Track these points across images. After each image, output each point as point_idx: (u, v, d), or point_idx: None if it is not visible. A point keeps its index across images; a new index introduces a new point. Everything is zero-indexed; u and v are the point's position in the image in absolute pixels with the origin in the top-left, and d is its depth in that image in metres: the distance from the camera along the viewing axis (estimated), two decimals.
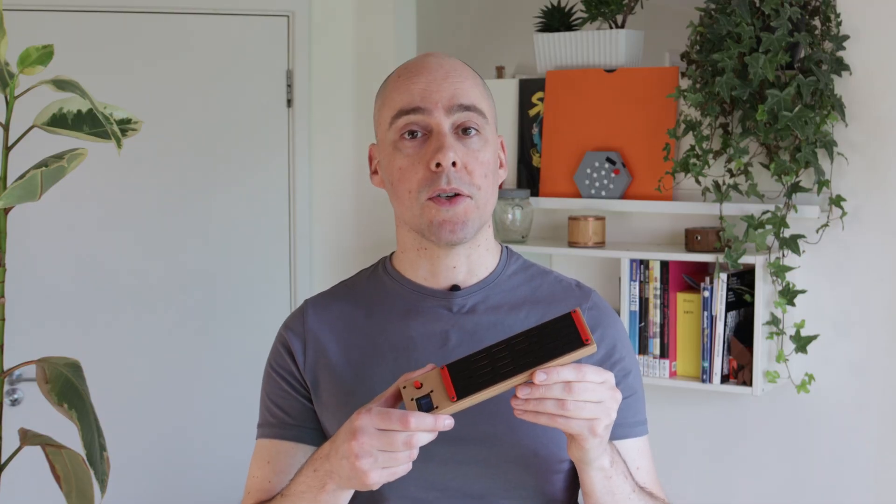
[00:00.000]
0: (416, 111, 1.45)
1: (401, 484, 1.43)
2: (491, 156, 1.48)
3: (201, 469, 3.33)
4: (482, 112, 1.47)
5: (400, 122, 1.46)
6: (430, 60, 1.50)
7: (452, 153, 1.42)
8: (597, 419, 1.25)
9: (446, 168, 1.42)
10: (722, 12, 2.65)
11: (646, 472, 1.52)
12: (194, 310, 3.32)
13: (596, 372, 1.23)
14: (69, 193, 2.70)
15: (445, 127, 1.44)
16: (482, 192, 1.46)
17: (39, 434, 1.56)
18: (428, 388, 1.24)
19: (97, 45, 3.21)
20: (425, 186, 1.44)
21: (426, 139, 1.45)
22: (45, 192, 1.44)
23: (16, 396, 3.14)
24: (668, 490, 1.59)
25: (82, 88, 1.41)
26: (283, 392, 1.54)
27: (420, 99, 1.45)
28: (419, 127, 1.45)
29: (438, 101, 1.44)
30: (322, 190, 3.41)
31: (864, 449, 2.73)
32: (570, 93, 3.04)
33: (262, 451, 1.54)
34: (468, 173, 1.44)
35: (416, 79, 1.47)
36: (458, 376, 1.24)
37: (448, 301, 1.52)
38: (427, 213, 1.44)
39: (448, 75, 1.47)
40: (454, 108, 1.45)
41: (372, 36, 3.39)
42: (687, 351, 2.80)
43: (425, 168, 1.44)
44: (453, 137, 1.44)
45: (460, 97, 1.45)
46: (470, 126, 1.45)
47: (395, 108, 1.46)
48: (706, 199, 2.80)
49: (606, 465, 1.34)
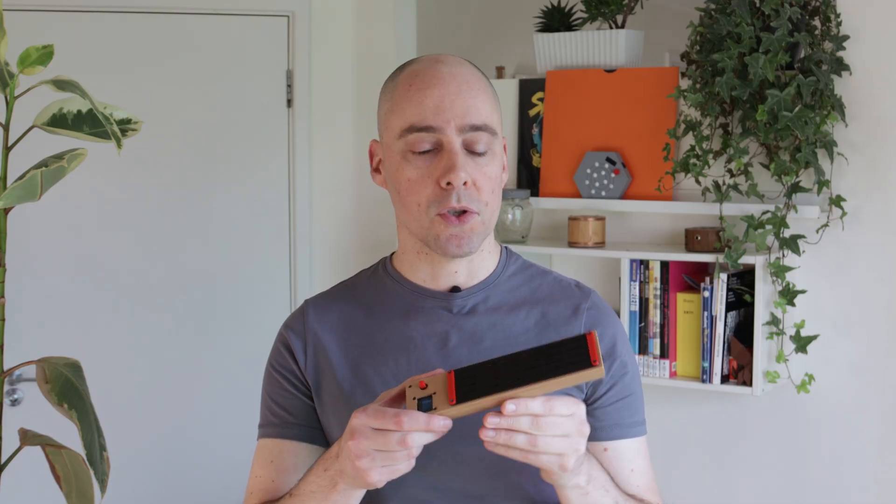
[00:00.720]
0: (427, 129, 1.43)
1: (402, 484, 1.43)
2: (497, 168, 1.48)
3: (201, 469, 3.33)
4: (492, 129, 1.46)
5: (411, 138, 1.44)
6: (443, 71, 1.47)
7: (464, 173, 1.42)
8: (566, 455, 1.24)
9: (457, 187, 1.42)
10: (722, 12, 2.65)
11: (641, 474, 1.52)
12: (194, 310, 3.32)
13: (565, 404, 1.22)
14: (69, 193, 2.69)
15: (457, 145, 1.43)
16: (489, 208, 1.46)
17: (39, 434, 1.56)
18: (432, 390, 1.25)
19: (97, 45, 3.21)
20: (434, 202, 1.43)
21: (437, 153, 1.44)
22: (45, 192, 1.44)
23: (16, 396, 3.14)
24: (667, 490, 1.59)
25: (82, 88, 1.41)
26: (285, 391, 1.54)
27: (432, 116, 1.43)
28: (430, 144, 1.44)
29: (451, 118, 1.43)
30: (322, 190, 3.41)
31: (864, 449, 2.73)
32: (570, 93, 3.04)
33: (265, 451, 1.54)
34: (477, 190, 1.44)
35: (429, 92, 1.44)
36: (463, 382, 1.24)
37: (448, 302, 1.52)
38: (435, 227, 1.44)
39: (461, 90, 1.45)
40: (465, 127, 1.43)
41: (372, 36, 3.39)
42: (687, 351, 2.80)
43: (435, 184, 1.43)
44: (464, 154, 1.44)
45: (472, 117, 1.44)
46: (481, 146, 1.45)
47: (407, 122, 1.45)
48: (706, 200, 2.80)
49: (582, 483, 1.34)
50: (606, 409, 1.51)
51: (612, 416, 1.51)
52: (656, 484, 1.55)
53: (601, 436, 1.50)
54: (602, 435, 1.50)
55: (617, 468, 1.50)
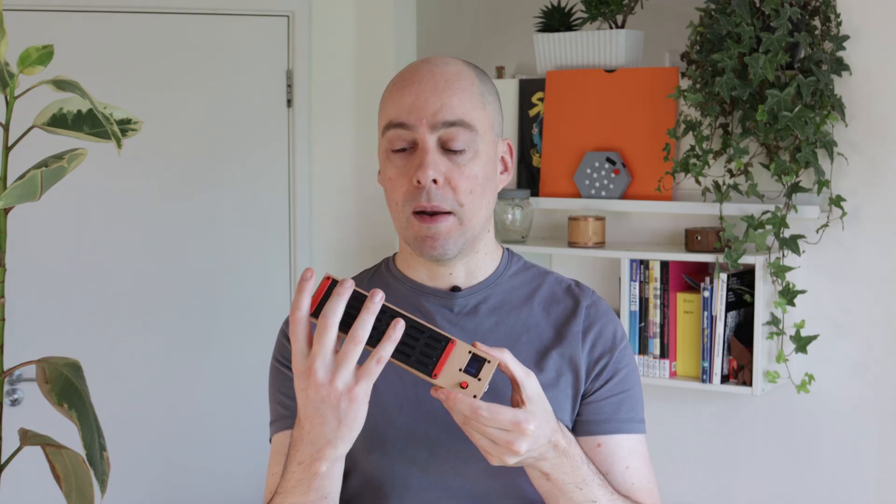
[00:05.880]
0: (402, 126, 1.44)
1: (403, 484, 1.43)
2: (481, 168, 1.46)
3: (201, 469, 3.33)
4: (470, 126, 1.44)
5: (389, 135, 1.46)
6: (423, 70, 1.47)
7: (432, 171, 1.42)
8: (490, 454, 1.28)
9: (426, 185, 1.42)
10: (722, 12, 2.65)
11: (636, 472, 1.51)
12: (194, 309, 3.32)
13: (500, 418, 1.25)
14: (69, 193, 2.69)
15: (430, 143, 1.43)
16: (466, 209, 1.44)
17: (39, 434, 1.56)
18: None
19: (97, 45, 3.21)
20: (408, 200, 1.44)
21: (413, 152, 1.45)
22: (45, 192, 1.44)
23: (16, 396, 3.15)
24: (667, 490, 1.58)
25: (82, 88, 1.41)
26: (292, 383, 1.54)
27: (406, 113, 1.44)
28: (405, 141, 1.45)
29: (423, 116, 1.43)
30: (322, 190, 3.41)
31: (864, 449, 2.73)
32: (570, 93, 3.04)
33: (279, 447, 1.53)
34: (452, 189, 1.43)
35: (407, 90, 1.45)
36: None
37: (450, 301, 1.52)
38: (411, 227, 1.45)
39: (437, 88, 1.44)
40: (438, 125, 1.43)
41: (372, 36, 3.39)
42: (687, 351, 2.80)
43: (409, 182, 1.44)
44: (438, 153, 1.43)
45: (445, 113, 1.43)
46: (455, 144, 1.44)
47: (386, 119, 1.47)
48: (706, 199, 2.80)
49: (546, 470, 1.36)
50: (600, 403, 1.51)
51: (606, 411, 1.51)
52: (655, 486, 1.54)
53: (594, 430, 1.50)
54: (595, 429, 1.50)
55: (610, 465, 1.49)
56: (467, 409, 1.24)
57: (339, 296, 1.25)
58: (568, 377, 1.50)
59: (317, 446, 1.28)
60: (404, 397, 1.47)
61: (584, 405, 1.51)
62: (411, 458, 1.46)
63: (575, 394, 1.51)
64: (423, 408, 1.46)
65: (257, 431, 2.24)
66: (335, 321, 1.24)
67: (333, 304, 1.24)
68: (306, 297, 1.26)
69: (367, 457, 1.47)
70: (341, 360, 1.24)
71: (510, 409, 1.26)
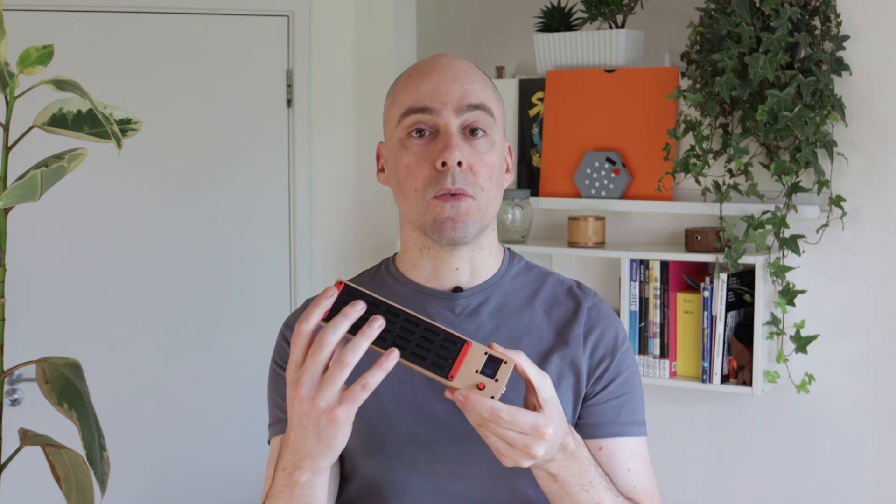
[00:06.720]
0: (425, 111, 1.45)
1: (404, 488, 1.43)
2: (497, 158, 1.48)
3: (201, 469, 3.33)
4: (491, 112, 1.47)
5: (408, 121, 1.46)
6: (441, 61, 1.50)
7: (459, 153, 1.43)
8: (504, 456, 1.27)
9: (452, 167, 1.43)
10: (722, 12, 2.65)
11: (637, 475, 1.51)
12: (194, 309, 3.32)
13: (519, 420, 1.24)
14: (69, 193, 2.69)
15: (453, 127, 1.45)
16: (485, 194, 1.46)
17: (39, 434, 1.56)
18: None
19: (97, 45, 3.21)
20: (431, 185, 1.44)
21: (433, 138, 1.46)
22: (45, 192, 1.44)
23: (16, 396, 3.14)
24: (668, 490, 1.58)
25: (82, 88, 1.41)
26: None
27: (429, 98, 1.45)
28: (427, 126, 1.46)
29: (448, 101, 1.45)
30: (322, 190, 3.41)
31: (864, 449, 2.73)
32: (570, 93, 3.04)
33: (276, 450, 1.53)
34: (473, 174, 1.44)
35: (427, 78, 1.47)
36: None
37: (451, 302, 1.52)
38: (431, 210, 1.45)
39: (458, 76, 1.47)
40: (463, 108, 1.45)
41: (372, 36, 3.39)
42: (687, 351, 2.80)
43: (431, 167, 1.44)
44: (460, 138, 1.45)
45: (470, 97, 1.46)
46: (478, 127, 1.46)
47: (405, 107, 1.47)
48: (706, 199, 2.80)
49: (554, 471, 1.35)
50: (602, 406, 1.51)
51: (608, 414, 1.51)
52: (656, 488, 1.54)
53: (596, 433, 1.50)
54: (597, 432, 1.50)
55: (612, 468, 1.49)
56: (486, 412, 1.23)
57: (346, 316, 1.23)
58: (569, 380, 1.50)
59: (298, 456, 1.28)
60: (404, 400, 1.47)
61: (585, 408, 1.51)
62: (411, 462, 1.46)
63: (576, 397, 1.50)
64: (422, 411, 1.46)
65: (257, 432, 2.24)
66: (334, 340, 1.23)
67: (338, 323, 1.23)
68: (317, 314, 1.24)
69: (366, 460, 1.47)
70: (326, 380, 1.22)
71: (530, 412, 1.25)
